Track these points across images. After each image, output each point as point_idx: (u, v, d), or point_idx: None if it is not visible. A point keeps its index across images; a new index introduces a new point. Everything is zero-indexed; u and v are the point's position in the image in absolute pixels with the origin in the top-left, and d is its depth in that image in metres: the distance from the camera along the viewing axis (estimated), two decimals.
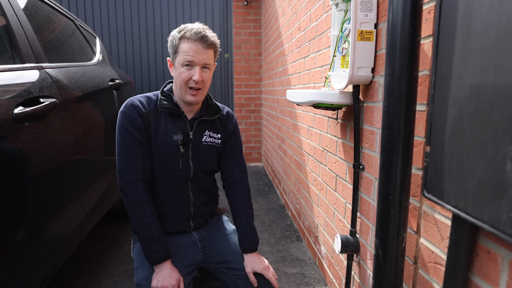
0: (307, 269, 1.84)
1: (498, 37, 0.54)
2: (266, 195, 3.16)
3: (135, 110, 1.16)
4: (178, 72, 1.13)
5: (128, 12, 4.08)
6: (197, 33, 1.10)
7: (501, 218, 0.53)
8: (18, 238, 1.02)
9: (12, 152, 0.99)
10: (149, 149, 1.18)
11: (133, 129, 1.15)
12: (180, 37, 1.11)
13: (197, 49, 1.10)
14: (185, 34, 1.10)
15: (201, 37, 1.10)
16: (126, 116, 1.16)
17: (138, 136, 1.15)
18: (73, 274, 1.77)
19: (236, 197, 1.33)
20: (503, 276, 0.60)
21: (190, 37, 1.10)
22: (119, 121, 1.17)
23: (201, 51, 1.11)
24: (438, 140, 0.69)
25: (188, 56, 1.10)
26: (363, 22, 1.08)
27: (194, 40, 1.10)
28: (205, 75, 1.14)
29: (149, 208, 1.15)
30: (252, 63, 4.28)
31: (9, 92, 1.03)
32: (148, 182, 1.19)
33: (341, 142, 1.46)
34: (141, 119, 1.16)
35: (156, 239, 1.14)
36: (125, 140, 1.15)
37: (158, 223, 1.17)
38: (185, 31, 1.11)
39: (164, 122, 1.19)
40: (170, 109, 1.18)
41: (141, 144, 1.16)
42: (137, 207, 1.14)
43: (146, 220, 1.14)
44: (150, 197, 1.18)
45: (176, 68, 1.14)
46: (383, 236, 0.83)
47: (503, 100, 0.53)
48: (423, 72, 0.86)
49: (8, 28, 1.20)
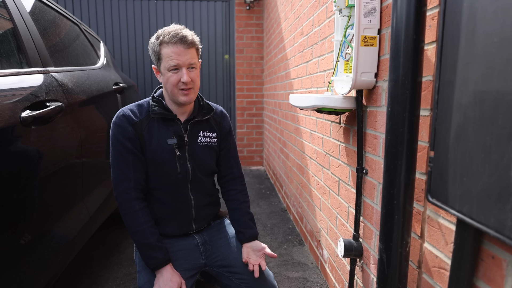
0: (309, 273, 1.84)
1: (502, 44, 0.54)
2: (268, 198, 3.16)
3: (126, 120, 1.17)
4: (166, 78, 1.14)
5: (132, 17, 4.11)
6: (175, 36, 1.09)
7: (506, 223, 0.54)
8: (23, 240, 1.03)
9: (19, 155, 1.00)
10: (142, 158, 1.19)
11: (124, 139, 1.16)
12: (160, 43, 1.11)
13: (179, 51, 1.10)
14: (164, 39, 1.10)
15: (180, 38, 1.09)
16: (117, 126, 1.17)
17: (129, 145, 1.16)
18: (76, 277, 1.78)
19: (236, 192, 1.36)
20: (508, 281, 0.60)
21: (169, 41, 1.10)
22: (111, 132, 1.18)
23: (184, 52, 1.11)
24: (442, 145, 0.69)
25: (172, 61, 1.10)
26: (366, 27, 1.09)
27: (174, 43, 1.09)
28: (192, 74, 1.14)
29: (143, 216, 1.16)
30: (254, 67, 4.30)
31: (17, 96, 1.05)
32: (141, 190, 1.19)
33: (344, 146, 1.46)
34: (133, 128, 1.16)
35: (152, 245, 1.14)
36: (117, 150, 1.17)
37: (153, 229, 1.17)
38: (163, 36, 1.11)
39: (157, 127, 1.19)
40: (161, 114, 1.19)
41: (133, 154, 1.17)
42: (131, 216, 1.15)
43: (141, 227, 1.14)
44: (144, 205, 1.18)
45: (163, 74, 1.15)
46: (387, 240, 0.83)
47: (507, 106, 0.53)
48: (426, 77, 0.87)
49: (16, 33, 1.21)
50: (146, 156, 1.19)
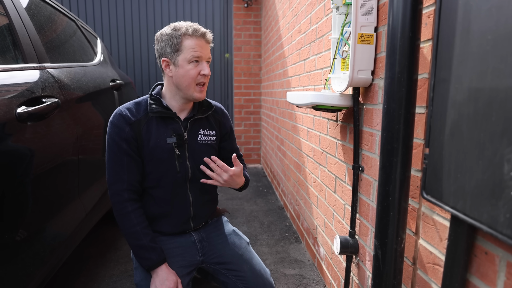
0: (306, 270, 1.85)
1: (496, 42, 0.55)
2: (265, 196, 3.16)
3: (124, 120, 1.16)
4: (184, 70, 1.13)
5: (129, 13, 4.09)
6: (197, 30, 1.14)
7: (498, 219, 0.54)
8: (19, 237, 1.02)
9: (15, 151, 1.00)
10: (137, 160, 1.18)
11: (120, 140, 1.15)
12: (182, 34, 1.12)
13: (202, 44, 1.14)
14: (187, 31, 1.12)
15: (203, 33, 1.15)
16: (114, 126, 1.16)
17: (124, 146, 1.15)
18: (73, 274, 1.77)
19: None
20: (501, 277, 0.61)
21: (193, 33, 1.13)
22: (108, 132, 1.17)
23: (205, 46, 1.16)
24: (437, 142, 0.70)
25: (196, 52, 1.13)
26: (363, 25, 1.09)
27: (197, 36, 1.13)
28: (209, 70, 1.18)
29: (135, 217, 1.15)
30: (252, 65, 4.29)
31: (13, 91, 1.04)
32: (135, 192, 1.19)
33: (341, 144, 1.47)
34: (130, 128, 1.16)
35: (146, 246, 1.14)
36: (112, 151, 1.16)
37: (146, 230, 1.16)
38: (185, 28, 1.12)
39: (156, 126, 1.19)
40: (160, 113, 1.18)
41: (127, 155, 1.16)
42: (123, 217, 1.15)
43: (133, 229, 1.14)
44: (137, 206, 1.18)
45: (181, 66, 1.13)
46: (382, 237, 0.84)
47: (500, 103, 0.54)
48: (422, 75, 0.87)
49: (11, 28, 1.21)
50: (145, 155, 1.19)
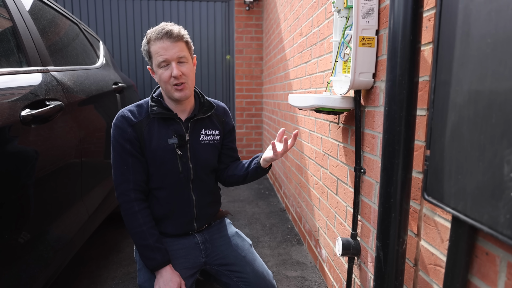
0: (308, 272, 1.85)
1: (496, 45, 0.55)
2: (266, 198, 3.16)
3: (126, 121, 1.17)
4: (158, 75, 1.15)
5: (131, 16, 4.12)
6: (160, 31, 1.10)
7: (499, 219, 0.55)
8: (22, 239, 1.03)
9: (19, 154, 1.01)
10: (142, 160, 1.19)
11: (123, 141, 1.16)
12: (148, 41, 1.13)
13: (166, 46, 1.10)
14: (151, 37, 1.12)
15: (165, 33, 1.10)
16: (117, 128, 1.18)
17: (128, 147, 1.17)
18: (75, 276, 1.78)
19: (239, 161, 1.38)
20: (502, 277, 0.61)
21: (155, 37, 1.11)
22: (112, 133, 1.19)
23: (171, 47, 1.11)
24: (438, 144, 0.71)
25: (160, 56, 1.11)
26: (364, 28, 1.10)
27: (160, 38, 1.10)
28: (183, 68, 1.14)
29: (142, 217, 1.16)
30: (253, 68, 4.31)
31: (17, 94, 1.05)
32: (141, 191, 1.20)
33: (342, 146, 1.47)
34: (132, 129, 1.17)
35: (151, 246, 1.15)
36: (116, 152, 1.18)
37: (153, 230, 1.17)
38: (150, 34, 1.13)
39: (158, 127, 1.20)
40: (161, 114, 1.19)
41: (132, 155, 1.17)
42: (130, 217, 1.16)
43: (140, 228, 1.15)
44: (144, 206, 1.19)
45: (156, 72, 1.16)
46: (384, 238, 0.84)
47: (500, 105, 0.54)
48: (423, 77, 0.88)
49: (15, 32, 1.22)
50: (147, 156, 1.20)
